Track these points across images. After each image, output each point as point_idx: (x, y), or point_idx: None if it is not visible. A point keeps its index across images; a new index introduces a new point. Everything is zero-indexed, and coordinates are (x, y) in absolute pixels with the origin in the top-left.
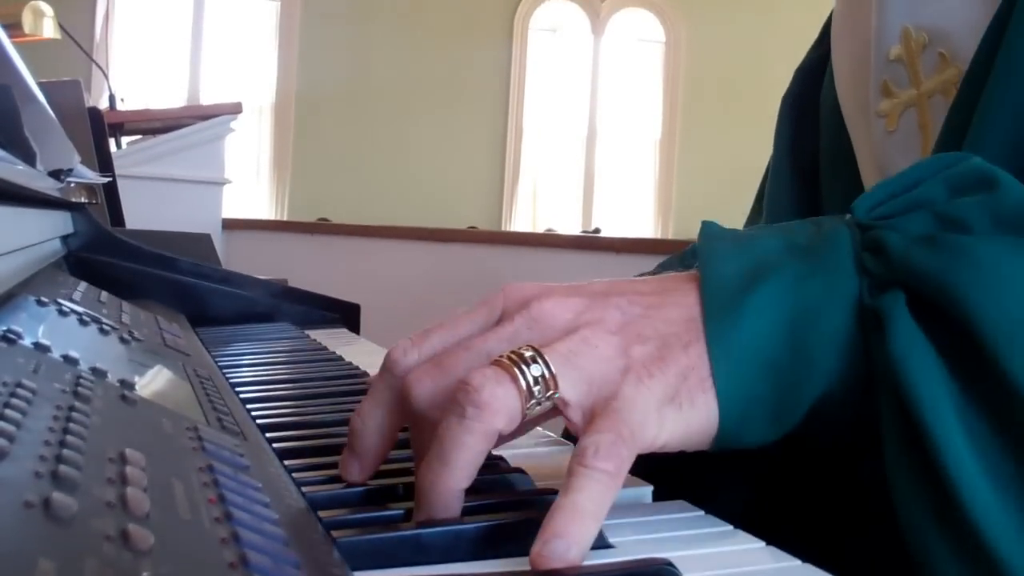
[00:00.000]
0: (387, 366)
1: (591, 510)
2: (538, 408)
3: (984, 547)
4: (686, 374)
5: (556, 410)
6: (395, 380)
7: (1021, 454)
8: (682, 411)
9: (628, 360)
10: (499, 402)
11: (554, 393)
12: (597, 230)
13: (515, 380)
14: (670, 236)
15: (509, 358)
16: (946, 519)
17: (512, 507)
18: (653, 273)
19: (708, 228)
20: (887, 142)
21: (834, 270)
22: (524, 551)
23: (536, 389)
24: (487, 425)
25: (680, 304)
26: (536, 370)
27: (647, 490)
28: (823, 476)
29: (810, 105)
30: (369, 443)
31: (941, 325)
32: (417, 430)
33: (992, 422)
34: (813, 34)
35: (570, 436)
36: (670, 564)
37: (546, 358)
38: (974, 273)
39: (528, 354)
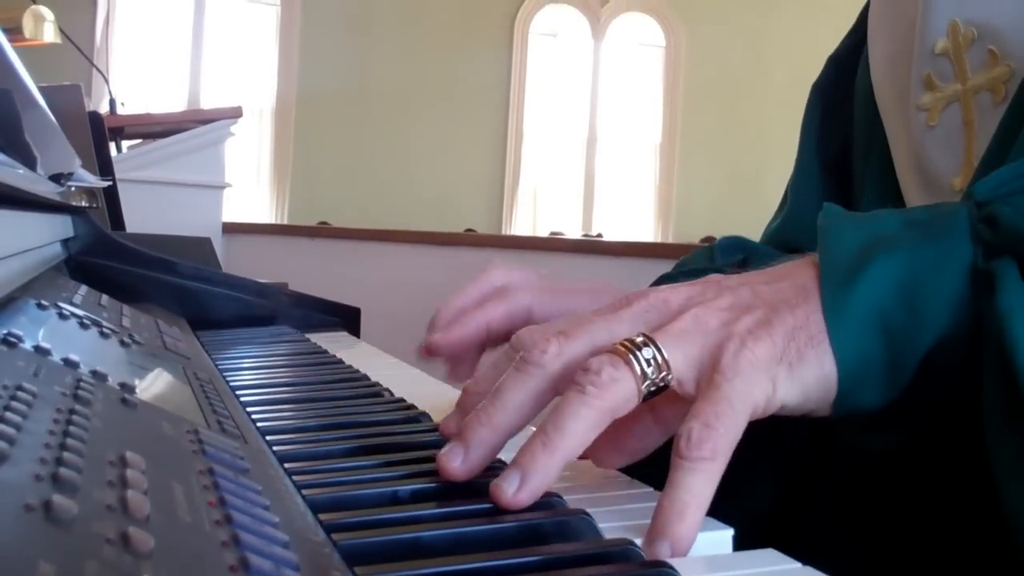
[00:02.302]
0: (525, 351)
1: (690, 502)
2: (654, 389)
3: None
4: (794, 333)
5: (675, 392)
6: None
7: None
8: (792, 369)
9: (733, 329)
10: (616, 384)
11: (667, 375)
12: (599, 235)
13: (629, 364)
14: (670, 240)
15: (623, 344)
16: None
17: (512, 511)
18: (669, 276)
19: (829, 209)
20: (927, 136)
21: (950, 238)
22: (523, 555)
23: (650, 371)
24: (605, 402)
25: (794, 278)
26: (648, 353)
27: (648, 491)
28: (819, 478)
29: (842, 94)
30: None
31: None
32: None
33: None
34: (813, 39)
35: None
36: (669, 566)
37: (657, 341)
38: None
39: (639, 339)
